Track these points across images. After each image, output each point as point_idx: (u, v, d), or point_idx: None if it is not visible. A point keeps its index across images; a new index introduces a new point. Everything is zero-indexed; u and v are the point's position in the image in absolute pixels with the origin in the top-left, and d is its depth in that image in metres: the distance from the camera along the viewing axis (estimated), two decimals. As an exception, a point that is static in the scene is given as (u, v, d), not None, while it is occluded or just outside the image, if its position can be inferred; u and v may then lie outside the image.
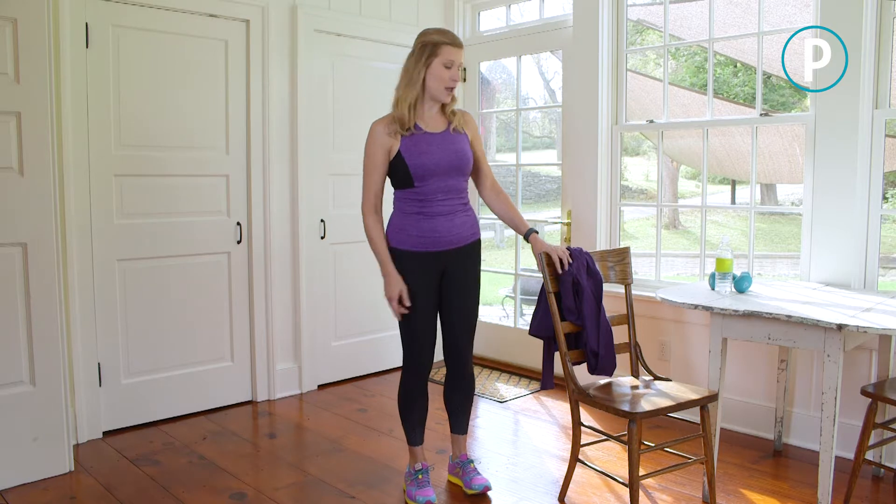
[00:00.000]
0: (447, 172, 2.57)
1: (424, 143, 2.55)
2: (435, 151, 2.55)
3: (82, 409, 3.31)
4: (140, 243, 3.50)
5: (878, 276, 3.13)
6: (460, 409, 2.85)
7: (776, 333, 2.58)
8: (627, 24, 3.96)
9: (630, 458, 2.40)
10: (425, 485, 2.72)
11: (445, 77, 2.52)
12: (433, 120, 2.62)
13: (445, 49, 2.51)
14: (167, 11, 3.50)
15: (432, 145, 2.56)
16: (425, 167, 2.53)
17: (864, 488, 2.82)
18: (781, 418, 3.21)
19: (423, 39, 2.55)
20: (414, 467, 2.77)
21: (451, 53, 2.51)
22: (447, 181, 2.58)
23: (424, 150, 2.54)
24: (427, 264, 2.64)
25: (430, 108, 2.61)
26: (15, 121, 2.78)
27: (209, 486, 2.88)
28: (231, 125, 3.77)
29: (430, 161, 2.53)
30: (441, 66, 2.51)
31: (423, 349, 2.69)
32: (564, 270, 2.64)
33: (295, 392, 4.09)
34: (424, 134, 2.58)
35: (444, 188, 2.58)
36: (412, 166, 2.53)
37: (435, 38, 2.53)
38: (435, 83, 2.53)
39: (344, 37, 4.20)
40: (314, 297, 4.14)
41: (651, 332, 3.74)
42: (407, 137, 2.55)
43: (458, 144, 2.61)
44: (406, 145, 2.54)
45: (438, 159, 2.55)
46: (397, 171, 2.57)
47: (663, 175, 4.22)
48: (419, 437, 2.79)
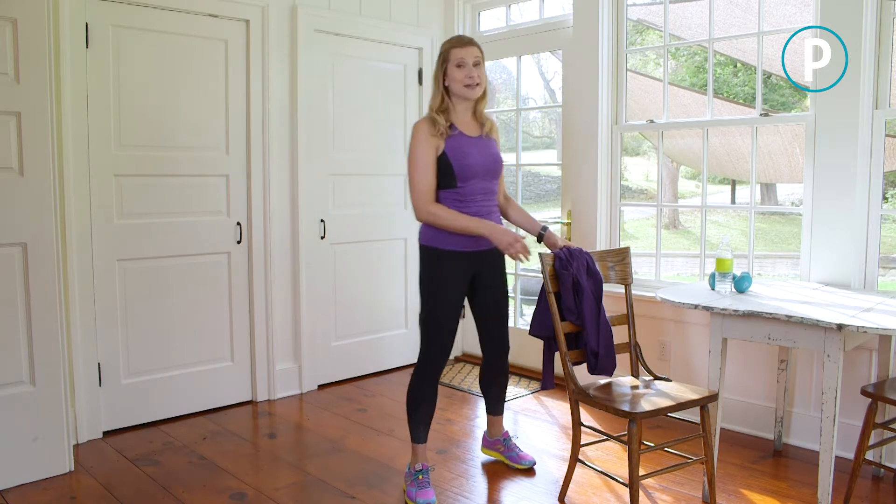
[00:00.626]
0: (485, 175, 2.70)
1: (467, 146, 2.67)
2: (476, 154, 2.68)
3: (82, 409, 3.31)
4: (140, 243, 3.50)
5: (878, 276, 3.13)
6: (500, 393, 3.07)
7: (776, 333, 2.58)
8: (627, 24, 3.96)
9: (630, 458, 2.40)
10: (426, 485, 2.74)
11: (461, 76, 2.63)
12: (468, 124, 2.74)
13: (453, 52, 2.65)
14: (167, 11, 3.50)
15: (473, 148, 2.68)
16: (470, 168, 2.64)
17: (864, 488, 2.82)
18: (781, 418, 3.21)
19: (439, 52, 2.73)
20: (415, 467, 2.79)
21: (459, 53, 2.64)
22: (485, 183, 2.71)
23: (468, 151, 2.66)
24: (465, 264, 2.73)
25: (463, 115, 2.72)
26: (15, 121, 2.78)
27: (209, 486, 2.88)
28: (231, 125, 3.77)
29: (474, 163, 2.65)
30: (454, 68, 2.64)
31: (444, 347, 2.76)
32: (565, 270, 2.64)
33: (295, 392, 4.09)
34: (465, 136, 2.69)
35: (483, 189, 2.71)
36: (457, 167, 2.63)
37: (444, 45, 2.71)
38: (455, 85, 2.66)
39: (344, 37, 4.20)
40: (314, 297, 4.14)
41: (651, 332, 3.74)
42: (451, 138, 2.65)
43: (493, 148, 2.77)
44: (451, 146, 2.64)
45: (479, 161, 2.67)
46: (441, 170, 2.65)
47: (663, 175, 4.21)
48: (424, 435, 2.84)
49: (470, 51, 2.65)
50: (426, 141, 2.63)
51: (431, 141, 2.63)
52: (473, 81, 2.64)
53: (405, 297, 4.64)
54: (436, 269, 2.71)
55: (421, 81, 4.59)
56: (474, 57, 2.65)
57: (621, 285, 2.95)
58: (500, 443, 3.11)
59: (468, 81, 2.64)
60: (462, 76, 2.64)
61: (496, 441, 3.13)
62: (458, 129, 2.68)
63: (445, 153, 2.63)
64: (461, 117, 2.72)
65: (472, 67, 2.64)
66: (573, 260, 2.67)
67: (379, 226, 4.46)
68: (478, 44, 2.71)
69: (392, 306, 4.58)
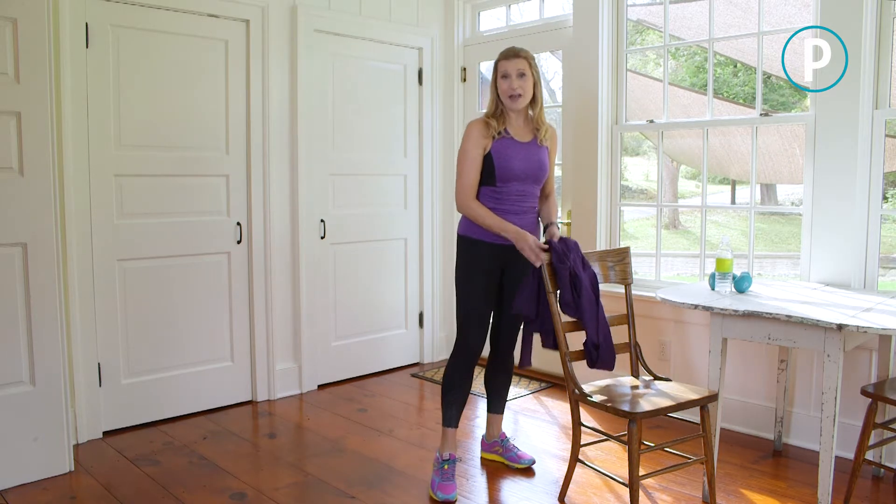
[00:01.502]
0: (526, 179, 2.81)
1: (512, 150, 2.79)
2: (520, 159, 2.78)
3: (82, 409, 3.31)
4: (140, 243, 3.50)
5: (878, 276, 3.13)
6: (502, 390, 3.13)
7: (776, 333, 2.58)
8: (627, 24, 3.96)
9: (630, 458, 2.40)
10: (450, 478, 2.83)
11: (504, 87, 2.76)
12: (521, 130, 2.84)
13: (500, 64, 2.79)
14: (167, 11, 3.50)
15: (519, 152, 2.79)
16: (511, 171, 2.76)
17: (864, 488, 2.82)
18: (781, 418, 3.21)
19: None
20: (443, 455, 2.88)
21: (504, 66, 2.76)
22: (524, 186, 2.82)
23: (512, 155, 2.77)
24: (494, 256, 2.83)
25: (516, 119, 2.83)
26: (15, 121, 2.78)
27: (209, 486, 2.88)
28: (231, 125, 3.77)
29: (516, 167, 2.77)
30: (501, 80, 2.77)
31: (480, 332, 2.87)
32: (562, 264, 2.67)
33: (295, 392, 4.09)
34: (513, 141, 2.80)
35: (521, 191, 2.81)
36: (499, 168, 2.76)
37: (496, 58, 2.83)
38: (502, 96, 2.78)
39: (344, 37, 4.20)
40: (314, 296, 4.14)
41: (651, 332, 3.74)
42: (498, 141, 2.77)
43: (541, 156, 2.85)
44: (497, 148, 2.77)
45: (522, 166, 2.78)
46: (484, 169, 2.79)
47: (663, 175, 4.21)
48: (455, 419, 2.91)
49: (514, 63, 2.74)
50: (477, 140, 2.77)
51: (481, 141, 2.77)
52: (515, 93, 2.74)
53: (405, 297, 4.64)
54: (469, 256, 2.85)
55: (421, 81, 4.59)
56: (518, 69, 2.74)
57: (621, 285, 2.95)
58: (499, 444, 3.15)
59: (510, 93, 2.74)
60: (505, 87, 2.75)
61: (494, 443, 3.16)
62: (509, 134, 2.80)
63: (491, 154, 2.76)
64: (514, 122, 2.83)
65: (514, 79, 2.74)
66: (570, 252, 2.69)
67: (379, 226, 4.46)
68: (526, 54, 2.78)
69: (392, 306, 4.59)
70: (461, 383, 2.89)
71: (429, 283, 4.74)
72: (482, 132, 2.77)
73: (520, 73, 2.74)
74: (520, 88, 2.74)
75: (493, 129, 2.76)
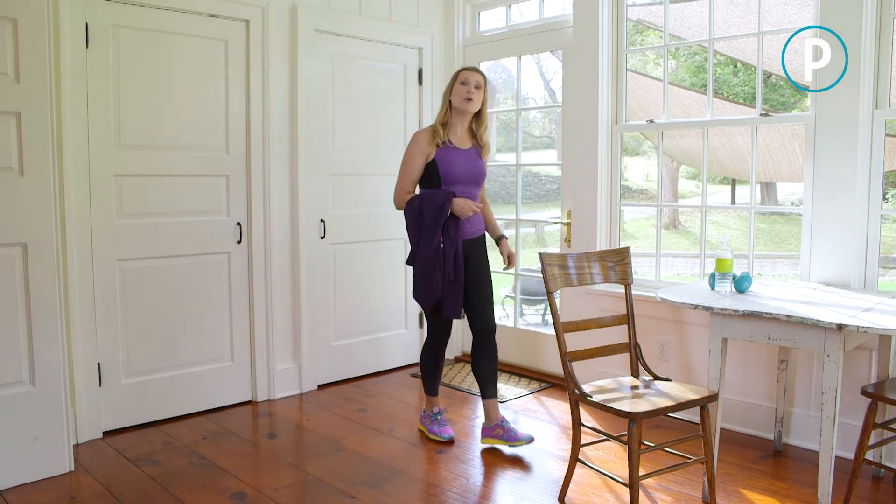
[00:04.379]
0: (467, 181, 3.18)
1: (454, 155, 3.18)
2: (461, 163, 3.18)
3: (82, 409, 3.31)
4: (140, 243, 3.50)
5: (878, 276, 3.13)
6: (489, 375, 3.30)
7: (776, 333, 2.58)
8: (627, 24, 3.96)
9: (630, 458, 2.40)
10: (444, 423, 3.39)
11: (462, 91, 3.15)
12: (461, 139, 3.24)
13: (461, 73, 3.20)
14: (167, 11, 3.50)
15: (459, 159, 3.19)
16: (454, 174, 3.15)
17: (864, 488, 2.82)
18: (781, 418, 3.21)
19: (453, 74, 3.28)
20: (432, 410, 3.41)
21: (465, 74, 3.18)
22: (467, 188, 3.18)
23: (454, 160, 3.16)
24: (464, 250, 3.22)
25: (459, 128, 3.23)
26: (15, 121, 2.78)
27: (209, 486, 2.88)
28: (231, 125, 3.77)
29: (458, 170, 3.15)
30: (459, 85, 3.17)
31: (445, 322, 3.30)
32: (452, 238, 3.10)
33: (295, 392, 4.09)
34: (455, 149, 3.20)
35: (464, 193, 3.16)
36: (443, 172, 3.14)
37: (459, 69, 3.34)
38: (456, 99, 3.17)
39: (344, 37, 4.21)
40: (314, 297, 4.14)
41: (651, 332, 3.74)
42: (442, 149, 3.17)
43: (478, 162, 3.26)
44: (440, 155, 3.16)
45: (463, 170, 3.17)
46: (430, 174, 3.17)
47: (663, 175, 4.22)
48: (436, 388, 3.43)
49: (475, 75, 3.18)
50: (421, 148, 3.17)
51: (425, 148, 3.17)
52: (470, 96, 3.14)
53: (405, 297, 4.64)
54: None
55: (421, 81, 4.59)
56: (476, 81, 3.16)
57: (621, 285, 2.95)
58: (498, 426, 3.26)
59: (466, 96, 3.14)
60: (463, 91, 3.15)
61: (494, 427, 3.26)
62: (451, 143, 3.19)
63: (435, 160, 3.15)
64: (457, 131, 3.23)
65: (472, 87, 3.15)
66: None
67: (379, 226, 4.46)
68: (484, 75, 3.23)
69: (392, 306, 4.59)
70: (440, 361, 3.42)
71: (429, 283, 4.73)
72: (427, 141, 3.17)
73: (477, 85, 3.16)
74: (474, 95, 3.15)
75: (438, 137, 3.15)
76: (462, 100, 3.14)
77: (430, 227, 3.07)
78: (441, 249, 3.07)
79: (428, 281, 3.11)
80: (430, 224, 3.07)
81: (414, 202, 3.14)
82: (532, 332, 4.61)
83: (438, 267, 3.07)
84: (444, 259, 3.07)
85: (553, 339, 4.10)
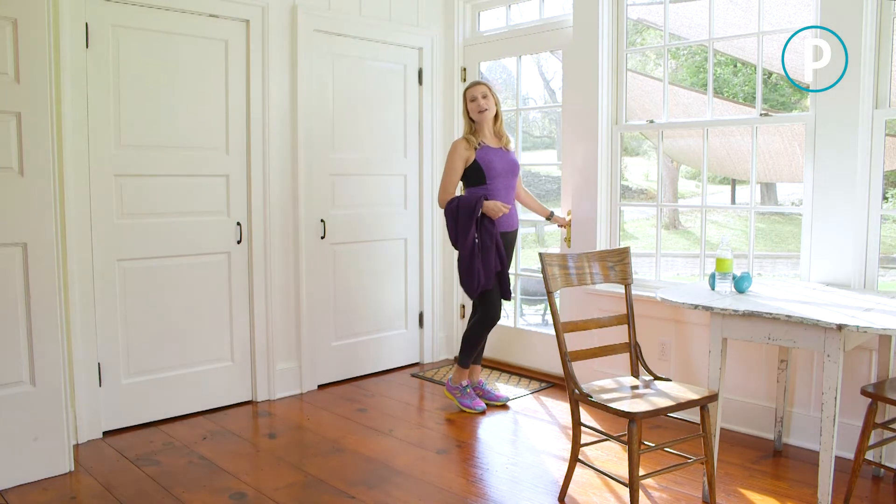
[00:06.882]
0: (506, 175, 3.69)
1: (492, 154, 3.68)
2: (499, 160, 3.68)
3: (82, 409, 3.31)
4: (140, 243, 3.50)
5: (878, 276, 3.13)
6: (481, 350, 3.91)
7: (776, 333, 2.58)
8: (627, 24, 3.96)
9: (630, 458, 2.40)
10: (475, 396, 3.82)
11: (474, 108, 3.70)
12: (491, 139, 3.75)
13: (468, 92, 3.73)
14: (167, 11, 3.50)
15: (496, 156, 3.69)
16: (495, 169, 3.65)
17: (864, 488, 2.83)
18: (781, 418, 3.21)
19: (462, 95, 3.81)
20: (462, 383, 3.83)
21: (471, 92, 3.70)
22: (507, 180, 3.70)
23: (492, 158, 3.66)
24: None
25: (486, 132, 3.73)
26: (15, 121, 2.78)
27: (209, 486, 2.88)
28: (231, 125, 3.77)
29: (497, 166, 3.66)
30: (470, 103, 3.71)
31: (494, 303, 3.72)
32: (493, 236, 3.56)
33: (295, 392, 4.09)
34: (490, 148, 3.70)
35: (505, 185, 3.69)
36: (486, 169, 3.63)
37: (464, 88, 3.83)
38: (473, 115, 3.71)
39: (344, 37, 4.20)
40: (314, 297, 4.14)
41: (651, 332, 3.74)
42: (480, 150, 3.65)
43: (512, 156, 3.79)
44: (480, 155, 3.65)
45: (501, 165, 3.67)
46: (475, 172, 3.65)
47: (663, 175, 4.22)
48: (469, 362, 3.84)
49: (478, 88, 3.69)
50: (461, 154, 3.66)
51: (464, 154, 3.65)
52: (483, 108, 3.67)
53: (405, 297, 4.64)
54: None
55: (421, 81, 4.59)
56: (481, 92, 3.67)
57: (621, 285, 2.95)
58: (479, 388, 3.92)
59: (480, 109, 3.67)
60: (474, 106, 3.69)
61: (475, 388, 3.90)
62: (485, 144, 3.69)
63: (477, 160, 3.63)
64: (485, 134, 3.73)
65: (480, 99, 3.66)
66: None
67: (379, 226, 4.46)
68: (485, 82, 3.73)
69: (392, 306, 4.59)
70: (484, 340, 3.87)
71: (429, 283, 4.74)
72: (465, 147, 3.65)
73: (483, 95, 3.66)
74: (485, 104, 3.65)
75: (472, 143, 3.64)
76: (478, 113, 3.67)
77: (464, 225, 3.55)
78: (476, 245, 3.55)
79: (470, 270, 3.56)
80: (465, 222, 3.55)
81: (452, 203, 3.63)
82: (532, 332, 4.61)
83: (478, 258, 3.55)
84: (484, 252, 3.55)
85: (553, 339, 4.09)
